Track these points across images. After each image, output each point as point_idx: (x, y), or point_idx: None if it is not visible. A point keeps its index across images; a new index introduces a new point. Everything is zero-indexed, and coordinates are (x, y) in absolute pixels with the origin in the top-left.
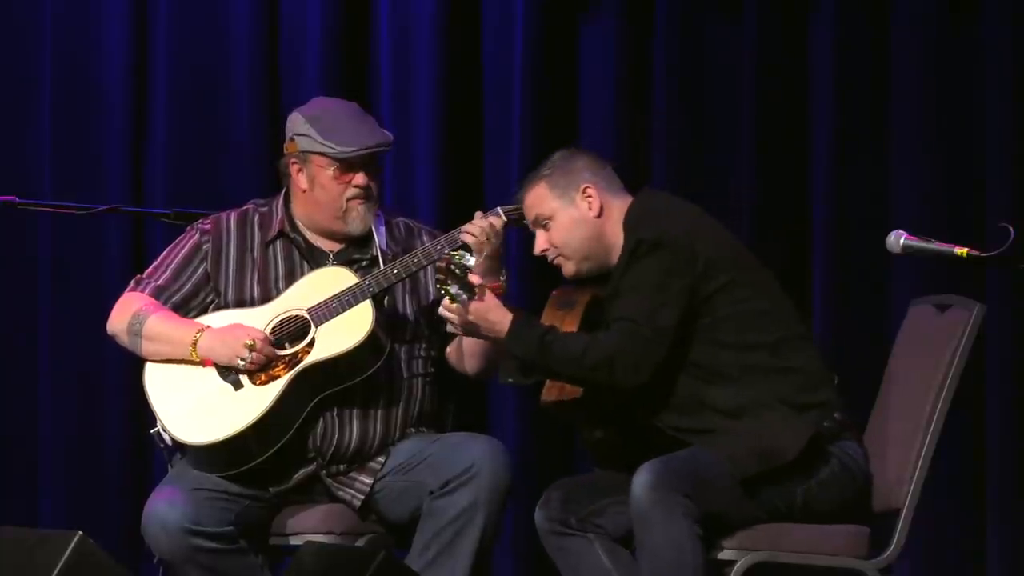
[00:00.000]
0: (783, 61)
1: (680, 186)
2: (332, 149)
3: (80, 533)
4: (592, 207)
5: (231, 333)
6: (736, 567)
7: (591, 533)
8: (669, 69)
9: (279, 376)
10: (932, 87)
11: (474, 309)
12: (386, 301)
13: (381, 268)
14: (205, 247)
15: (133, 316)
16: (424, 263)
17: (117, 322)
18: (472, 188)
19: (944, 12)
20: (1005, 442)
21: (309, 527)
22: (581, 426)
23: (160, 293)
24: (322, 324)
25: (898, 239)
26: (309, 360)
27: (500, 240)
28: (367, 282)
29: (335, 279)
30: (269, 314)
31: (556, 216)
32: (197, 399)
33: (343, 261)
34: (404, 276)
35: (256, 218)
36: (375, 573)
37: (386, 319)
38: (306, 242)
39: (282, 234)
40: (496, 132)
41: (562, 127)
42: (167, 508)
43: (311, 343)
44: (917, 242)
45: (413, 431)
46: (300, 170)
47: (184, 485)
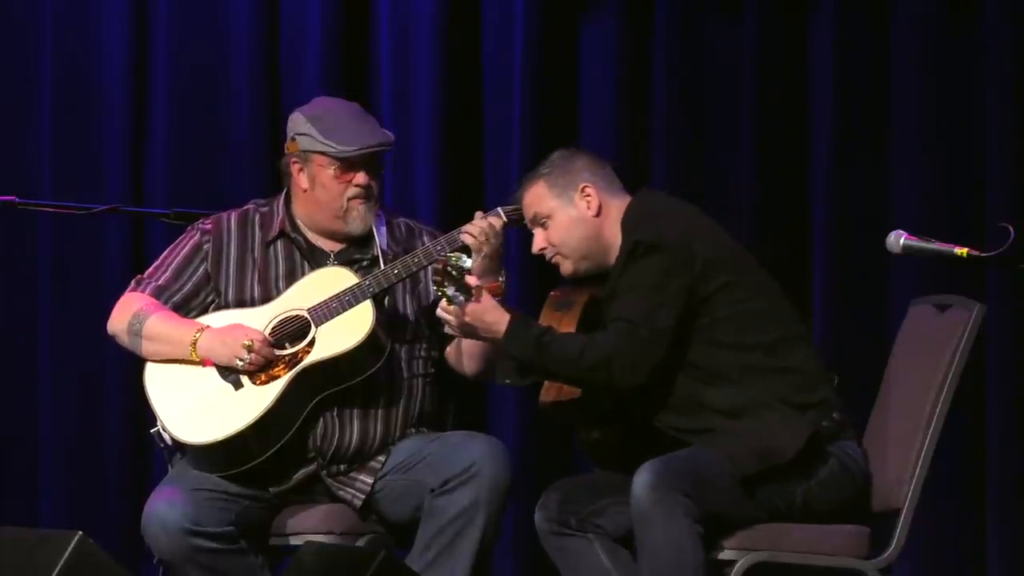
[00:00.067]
0: (783, 61)
1: (680, 186)
2: (333, 148)
3: (80, 533)
4: (591, 206)
5: (230, 333)
6: (736, 567)
7: (591, 533)
8: (669, 69)
9: (279, 376)
10: (932, 87)
11: (471, 310)
12: (386, 301)
13: (382, 268)
14: (206, 247)
15: (133, 316)
16: (424, 263)
17: (117, 322)
18: (472, 188)
19: (944, 12)
20: (1005, 442)
21: (309, 527)
22: (579, 427)
23: (160, 293)
24: (322, 324)
25: (898, 239)
26: (309, 360)
27: (500, 240)
28: (367, 282)
29: (335, 279)
30: (269, 314)
31: (554, 215)
32: (197, 399)
33: (344, 261)
34: (404, 276)
35: (257, 218)
36: (375, 573)
37: (386, 319)
38: (307, 242)
39: (283, 234)
40: (496, 132)
41: (562, 127)
42: (167, 508)
43: (311, 343)
44: (917, 242)
45: (413, 431)
46: (301, 169)
47: (184, 485)
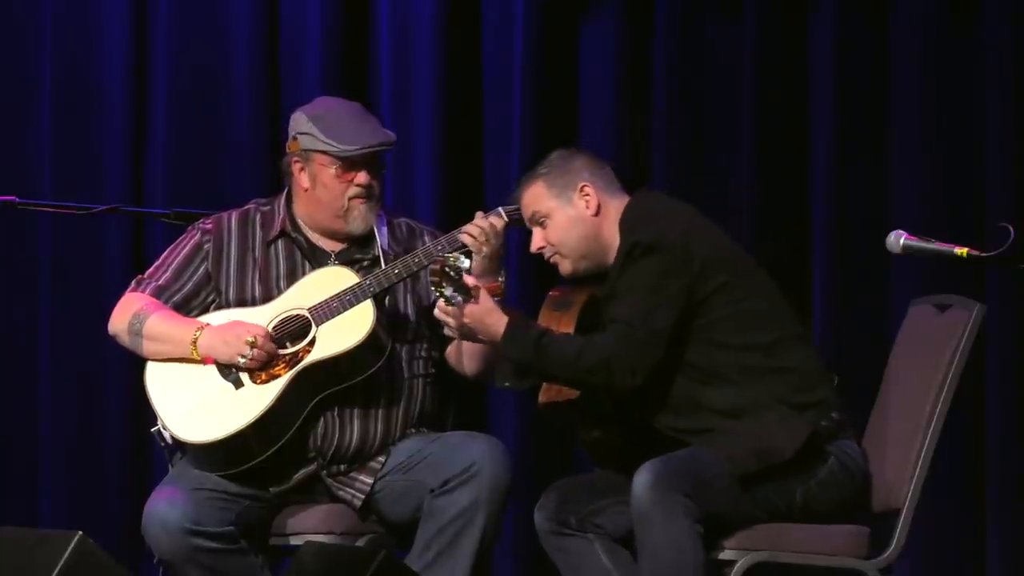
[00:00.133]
0: (783, 61)
1: (680, 186)
2: (334, 148)
3: (80, 533)
4: (589, 206)
5: (231, 331)
6: (736, 567)
7: (591, 533)
8: (669, 69)
9: (280, 375)
10: (932, 87)
11: (470, 312)
12: (387, 301)
13: (382, 268)
14: (206, 247)
15: (134, 316)
16: (425, 263)
17: (118, 322)
18: (472, 188)
19: (944, 12)
20: (1005, 442)
21: (309, 527)
22: (579, 427)
23: (161, 293)
24: (323, 323)
25: (898, 239)
26: (310, 359)
27: (500, 241)
28: (368, 282)
29: (336, 279)
30: (270, 313)
31: (553, 215)
32: (198, 398)
33: (345, 261)
34: (405, 276)
35: (258, 217)
36: (375, 573)
37: (387, 319)
38: (308, 242)
39: (284, 233)
40: (496, 132)
41: (562, 127)
42: (167, 508)
43: (312, 342)
44: (917, 242)
45: (413, 431)
46: (302, 169)
47: (184, 485)
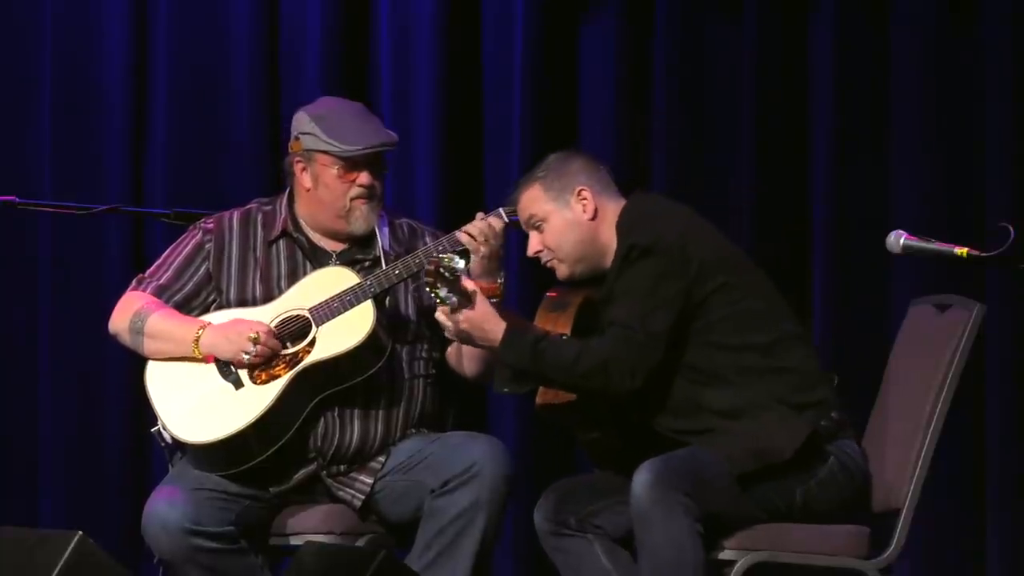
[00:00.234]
0: (783, 61)
1: (680, 186)
2: (336, 148)
3: (80, 533)
4: (587, 209)
5: (233, 328)
6: (736, 567)
7: (590, 534)
8: (669, 69)
9: (280, 375)
10: (932, 87)
11: (467, 318)
12: (388, 301)
13: (383, 268)
14: (207, 246)
15: (135, 314)
16: (425, 264)
17: (119, 321)
18: (472, 188)
19: (944, 12)
20: (1005, 442)
21: (309, 527)
22: (576, 429)
23: (162, 292)
24: (323, 324)
25: (898, 239)
26: (310, 360)
27: (500, 242)
28: (369, 282)
29: (337, 279)
30: (271, 313)
31: (550, 218)
32: (198, 398)
33: (346, 261)
34: (406, 276)
35: (259, 217)
36: (375, 573)
37: (388, 319)
38: (309, 242)
39: (285, 233)
40: (496, 132)
41: (562, 127)
42: (167, 508)
43: (312, 343)
44: (917, 242)
45: (414, 431)
46: (304, 169)
47: (184, 485)
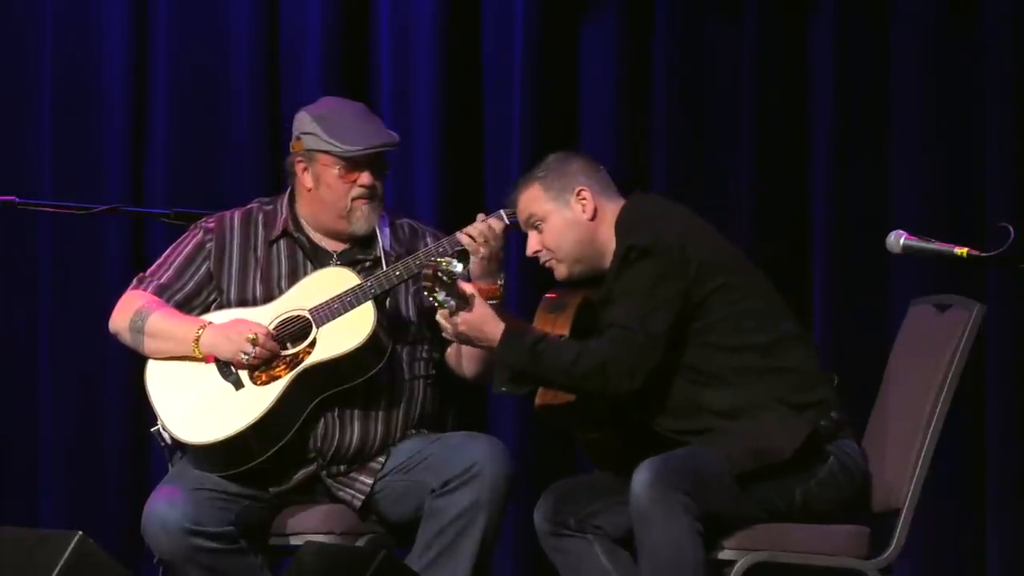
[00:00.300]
0: (783, 61)
1: (680, 186)
2: (338, 148)
3: (80, 533)
4: (586, 210)
5: (234, 328)
6: (736, 567)
7: (590, 534)
8: (669, 69)
9: (280, 376)
10: (932, 87)
11: (466, 320)
12: (388, 302)
13: (384, 269)
14: (208, 245)
15: (135, 313)
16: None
17: (119, 320)
18: (472, 188)
19: (944, 12)
20: (1005, 442)
21: (309, 527)
22: (575, 429)
23: (163, 291)
24: (324, 325)
25: (898, 239)
26: (310, 361)
27: (500, 243)
28: (369, 283)
29: (338, 279)
30: (271, 314)
31: (549, 218)
32: (198, 398)
33: (347, 261)
34: (406, 277)
35: (260, 217)
36: (375, 573)
37: (388, 320)
38: (310, 242)
39: (286, 233)
40: (496, 132)
41: (562, 127)
42: (167, 508)
43: (312, 344)
44: (917, 242)
45: (414, 432)
46: (305, 169)
47: (184, 485)
